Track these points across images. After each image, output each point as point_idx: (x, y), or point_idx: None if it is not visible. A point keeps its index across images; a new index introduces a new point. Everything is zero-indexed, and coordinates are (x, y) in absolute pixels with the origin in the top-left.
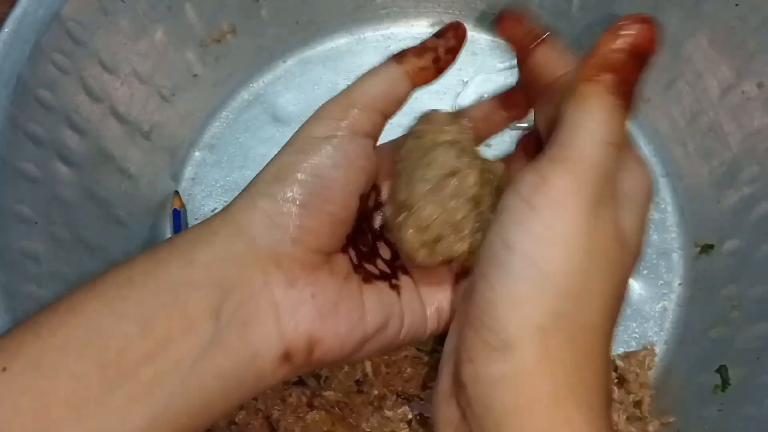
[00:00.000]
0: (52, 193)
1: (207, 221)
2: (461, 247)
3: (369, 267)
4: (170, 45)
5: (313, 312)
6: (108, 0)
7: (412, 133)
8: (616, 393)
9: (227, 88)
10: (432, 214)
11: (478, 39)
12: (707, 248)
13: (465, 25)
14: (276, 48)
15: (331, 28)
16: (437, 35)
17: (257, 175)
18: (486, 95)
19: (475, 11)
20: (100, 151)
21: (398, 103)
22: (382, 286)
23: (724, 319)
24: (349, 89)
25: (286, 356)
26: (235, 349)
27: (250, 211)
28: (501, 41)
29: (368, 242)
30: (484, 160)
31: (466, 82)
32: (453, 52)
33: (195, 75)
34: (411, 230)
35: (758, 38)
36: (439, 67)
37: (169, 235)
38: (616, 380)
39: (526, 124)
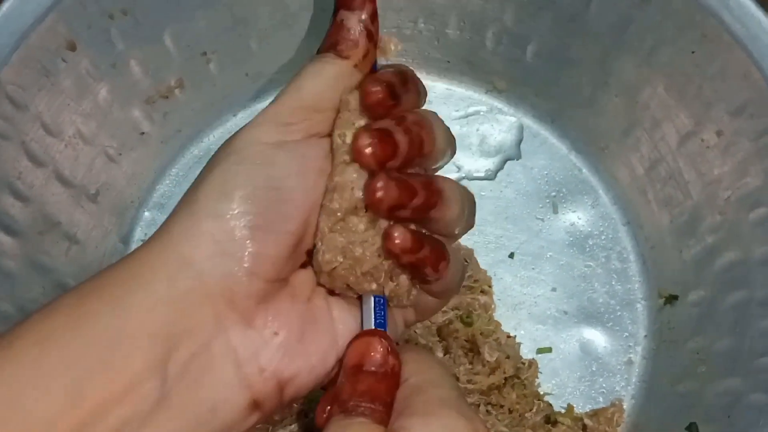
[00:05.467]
0: None
1: (142, 251)
2: (376, 288)
3: None
4: (115, 103)
5: (278, 352)
6: (49, 61)
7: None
8: None
9: (176, 145)
10: (332, 261)
11: (432, 87)
12: (671, 299)
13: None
14: (225, 102)
15: (282, 79)
16: (346, 6)
17: (195, 186)
18: None
19: (429, 59)
20: (45, 217)
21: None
22: (351, 295)
23: (691, 374)
24: (296, 89)
25: (255, 404)
26: (189, 408)
27: (195, 238)
28: (456, 90)
29: None
30: None
31: None
32: (374, 14)
33: (142, 133)
34: (320, 271)
35: (715, 86)
36: (374, 43)
37: None
38: None
39: None
